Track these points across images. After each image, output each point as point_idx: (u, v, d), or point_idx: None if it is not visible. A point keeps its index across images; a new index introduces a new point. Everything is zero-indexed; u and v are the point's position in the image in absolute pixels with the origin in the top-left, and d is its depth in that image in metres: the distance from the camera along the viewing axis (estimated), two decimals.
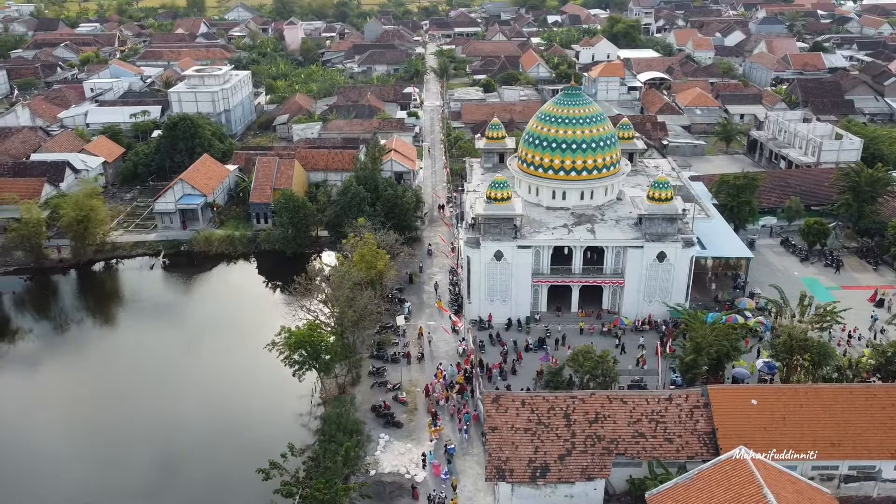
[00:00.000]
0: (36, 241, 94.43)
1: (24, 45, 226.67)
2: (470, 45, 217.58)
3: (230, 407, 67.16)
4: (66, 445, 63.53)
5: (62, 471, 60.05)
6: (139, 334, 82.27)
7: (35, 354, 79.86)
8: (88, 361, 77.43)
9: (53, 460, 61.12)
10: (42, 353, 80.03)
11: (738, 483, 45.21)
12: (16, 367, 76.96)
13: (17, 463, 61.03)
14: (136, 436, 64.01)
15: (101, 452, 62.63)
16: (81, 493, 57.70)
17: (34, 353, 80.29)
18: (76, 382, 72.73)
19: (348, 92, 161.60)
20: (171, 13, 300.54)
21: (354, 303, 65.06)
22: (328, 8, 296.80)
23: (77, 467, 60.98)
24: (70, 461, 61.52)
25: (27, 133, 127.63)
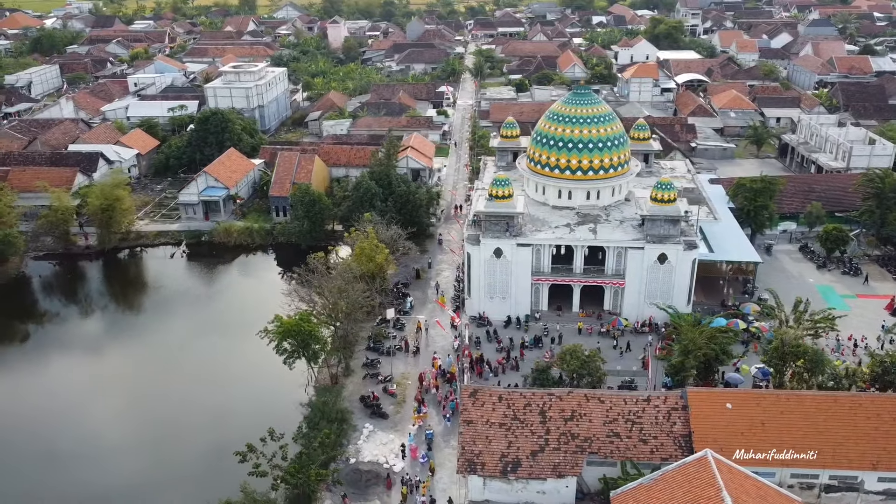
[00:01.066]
0: (64, 228, 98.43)
1: (80, 41, 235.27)
2: (509, 45, 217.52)
3: (227, 392, 69.16)
4: (80, 417, 66.53)
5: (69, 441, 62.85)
6: (152, 320, 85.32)
7: (57, 335, 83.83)
8: (105, 343, 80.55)
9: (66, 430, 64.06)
10: (63, 333, 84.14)
11: (699, 485, 44.81)
12: (42, 346, 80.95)
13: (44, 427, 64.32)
14: (137, 411, 66.98)
15: (102, 426, 65.24)
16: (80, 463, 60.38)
17: (57, 333, 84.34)
18: (91, 362, 76.02)
19: (382, 90, 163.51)
20: (222, 11, 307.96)
21: (347, 294, 66.17)
22: (375, 7, 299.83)
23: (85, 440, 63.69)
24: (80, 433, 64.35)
25: (68, 125, 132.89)
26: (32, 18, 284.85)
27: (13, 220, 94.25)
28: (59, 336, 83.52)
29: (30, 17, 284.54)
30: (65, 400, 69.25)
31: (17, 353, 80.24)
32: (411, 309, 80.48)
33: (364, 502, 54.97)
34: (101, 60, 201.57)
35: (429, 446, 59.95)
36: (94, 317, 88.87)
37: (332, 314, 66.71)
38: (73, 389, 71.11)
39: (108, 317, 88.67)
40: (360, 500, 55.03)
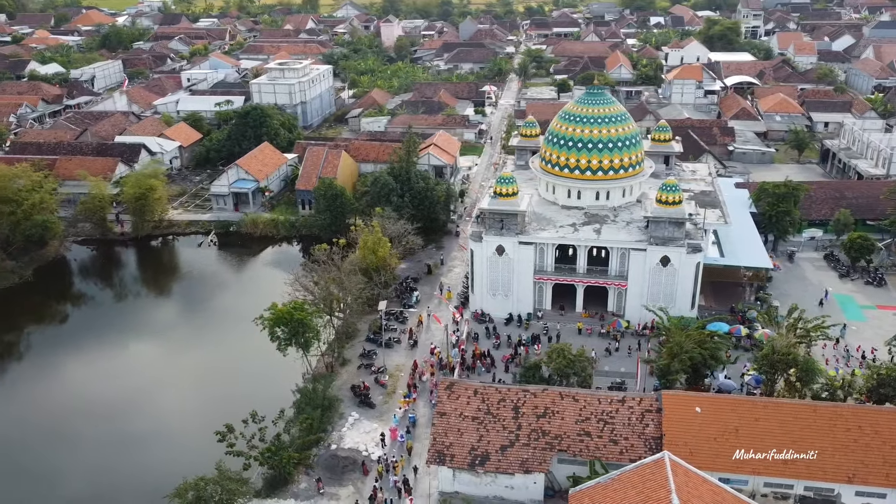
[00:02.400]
0: (101, 215, 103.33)
1: (146, 37, 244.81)
2: (560, 46, 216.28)
3: (228, 375, 71.97)
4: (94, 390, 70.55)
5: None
6: (173, 305, 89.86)
7: (86, 315, 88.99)
8: (128, 325, 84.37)
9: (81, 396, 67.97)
10: (90, 314, 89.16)
11: (651, 487, 44.58)
12: (71, 325, 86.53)
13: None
14: (142, 388, 70.67)
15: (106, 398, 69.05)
16: None
17: (86, 313, 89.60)
18: (113, 342, 79.91)
19: (424, 88, 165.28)
20: (285, 10, 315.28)
21: (343, 285, 67.80)
22: (433, 7, 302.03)
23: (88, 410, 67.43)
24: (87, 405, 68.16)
25: (118, 117, 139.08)
26: (106, 16, 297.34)
27: (53, 206, 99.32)
28: (86, 316, 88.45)
29: (103, 15, 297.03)
30: (85, 374, 73.31)
31: (53, 331, 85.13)
32: (416, 303, 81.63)
33: (339, 487, 56.39)
34: (161, 56, 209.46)
35: (407, 429, 61.20)
36: (122, 300, 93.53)
37: (326, 304, 68.27)
38: (92, 366, 75.09)
39: (135, 300, 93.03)
40: (334, 485, 56.47)
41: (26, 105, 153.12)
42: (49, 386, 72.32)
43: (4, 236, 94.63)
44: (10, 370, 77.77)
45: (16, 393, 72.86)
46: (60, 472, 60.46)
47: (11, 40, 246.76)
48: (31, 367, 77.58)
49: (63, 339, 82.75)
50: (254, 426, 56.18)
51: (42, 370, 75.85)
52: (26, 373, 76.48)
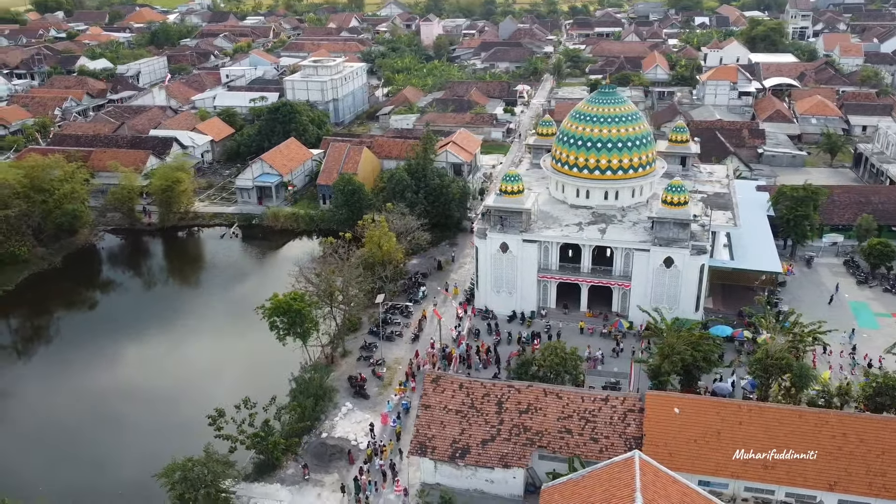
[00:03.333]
0: (129, 206, 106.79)
1: (193, 35, 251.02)
2: (598, 45, 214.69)
3: (232, 363, 74.03)
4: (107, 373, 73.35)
5: None
6: (191, 294, 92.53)
7: (110, 300, 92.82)
8: (146, 312, 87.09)
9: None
10: (112, 301, 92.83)
11: (618, 485, 44.61)
12: (98, 310, 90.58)
13: None
14: (151, 373, 73.75)
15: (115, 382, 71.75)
16: None
17: (110, 299, 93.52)
18: (132, 328, 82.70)
19: (456, 87, 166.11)
20: (331, 8, 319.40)
21: (343, 277, 69.13)
22: (476, 6, 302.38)
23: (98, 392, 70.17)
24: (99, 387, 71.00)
25: (155, 111, 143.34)
26: (158, 13, 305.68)
27: (84, 195, 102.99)
28: (108, 302, 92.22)
29: (155, 13, 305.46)
30: (102, 357, 76.45)
31: (75, 315, 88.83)
32: (423, 298, 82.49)
33: (324, 474, 57.63)
34: (204, 53, 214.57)
35: (398, 415, 62.23)
36: (144, 288, 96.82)
37: (326, 296, 69.61)
38: (108, 349, 78.04)
39: (155, 289, 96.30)
40: (320, 472, 57.74)
41: (71, 99, 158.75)
42: (67, 366, 75.58)
43: (37, 224, 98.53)
44: (33, 351, 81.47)
45: (37, 371, 76.18)
46: (66, 446, 63.11)
47: (67, 37, 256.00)
48: (54, 347, 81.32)
49: (83, 323, 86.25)
50: (245, 412, 57.75)
51: (62, 351, 79.51)
52: (49, 353, 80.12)
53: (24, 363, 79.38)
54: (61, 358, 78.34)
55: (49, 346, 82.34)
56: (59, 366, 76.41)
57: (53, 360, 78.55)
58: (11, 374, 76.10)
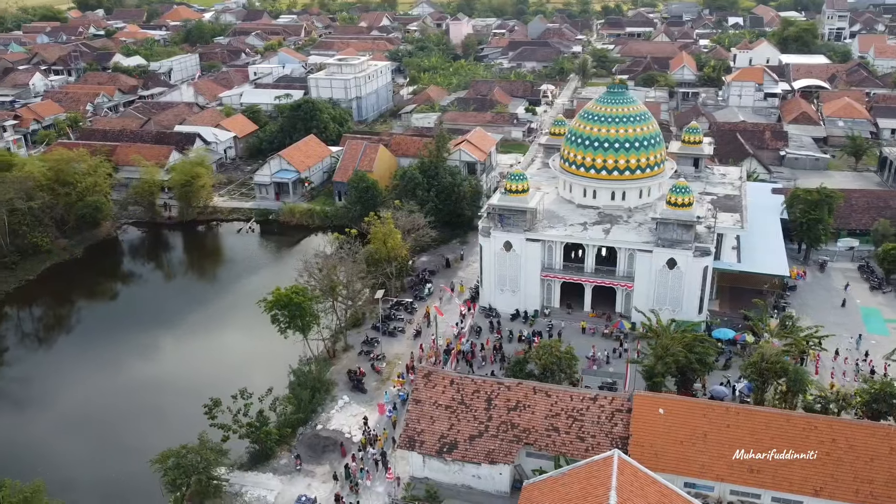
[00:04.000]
0: (150, 200, 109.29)
1: (226, 33, 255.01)
2: (627, 46, 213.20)
3: (235, 355, 75.62)
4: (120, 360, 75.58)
5: None
6: (204, 285, 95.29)
7: (126, 291, 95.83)
8: (162, 302, 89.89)
9: None
10: (130, 291, 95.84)
11: (595, 483, 44.75)
12: (114, 300, 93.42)
13: None
14: (158, 362, 75.89)
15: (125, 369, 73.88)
16: None
17: (127, 290, 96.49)
18: (147, 316, 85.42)
19: (480, 86, 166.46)
20: (364, 7, 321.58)
21: (344, 272, 70.13)
22: (508, 5, 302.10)
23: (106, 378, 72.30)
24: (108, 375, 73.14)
25: (182, 108, 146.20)
26: (194, 12, 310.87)
27: (106, 189, 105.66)
28: (124, 293, 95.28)
29: (192, 11, 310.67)
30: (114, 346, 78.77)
31: (92, 304, 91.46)
32: (428, 295, 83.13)
33: (316, 465, 58.62)
34: (236, 51, 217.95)
35: (394, 406, 63.08)
36: (160, 280, 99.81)
37: (327, 290, 70.62)
38: (121, 338, 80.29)
39: (171, 281, 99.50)
40: (312, 463, 58.73)
41: (103, 95, 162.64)
42: (82, 354, 78.33)
43: (60, 216, 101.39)
44: (51, 338, 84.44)
45: (53, 358, 78.74)
46: (74, 430, 65.28)
47: (105, 34, 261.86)
48: (70, 336, 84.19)
49: (100, 313, 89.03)
50: (242, 402, 59.03)
51: (78, 339, 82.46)
52: (65, 341, 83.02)
53: (43, 350, 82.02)
54: (77, 346, 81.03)
55: (66, 335, 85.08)
56: (75, 353, 78.99)
57: (69, 347, 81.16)
58: (28, 359, 78.69)
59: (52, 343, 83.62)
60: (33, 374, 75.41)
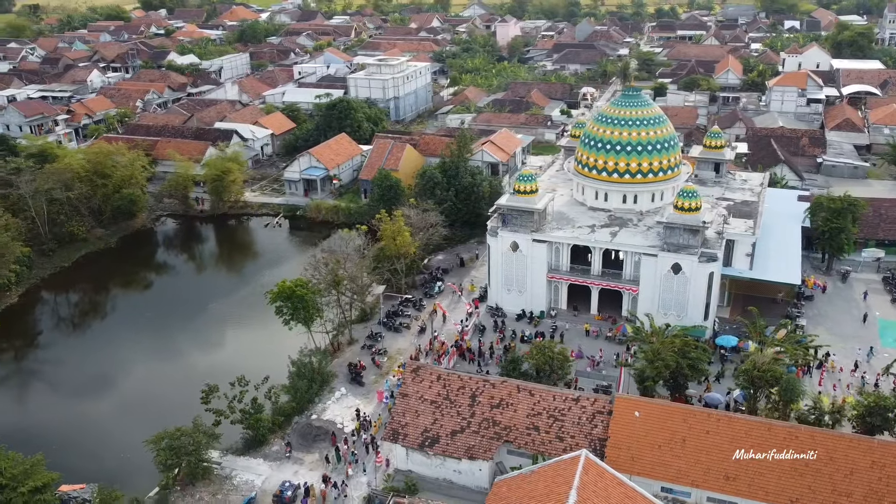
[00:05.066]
0: (184, 193, 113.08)
1: (279, 33, 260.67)
2: (675, 49, 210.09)
3: (247, 343, 77.92)
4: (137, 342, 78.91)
5: None
6: (225, 276, 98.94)
7: (153, 280, 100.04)
8: (185, 290, 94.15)
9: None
10: (158, 279, 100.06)
11: (558, 482, 45.08)
12: (141, 288, 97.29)
13: None
14: (171, 345, 78.86)
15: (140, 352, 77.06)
16: None
17: (154, 278, 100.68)
18: (168, 303, 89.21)
19: (518, 87, 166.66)
20: (416, 8, 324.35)
21: (346, 266, 71.72)
22: (559, 7, 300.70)
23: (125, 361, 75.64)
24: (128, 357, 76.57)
25: (224, 105, 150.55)
26: (252, 12, 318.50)
27: (142, 181, 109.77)
28: (151, 281, 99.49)
29: (250, 11, 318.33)
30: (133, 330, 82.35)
31: (120, 291, 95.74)
32: (438, 293, 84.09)
33: (305, 453, 60.22)
34: (285, 51, 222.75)
35: (392, 393, 64.66)
36: (188, 270, 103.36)
37: (329, 284, 72.19)
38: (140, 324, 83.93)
39: (197, 271, 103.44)
40: (302, 451, 60.35)
41: (153, 91, 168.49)
42: (106, 337, 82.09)
43: (97, 206, 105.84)
44: (81, 322, 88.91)
45: (78, 340, 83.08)
46: (88, 410, 68.71)
47: (164, 33, 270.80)
48: (96, 320, 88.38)
49: (128, 300, 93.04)
50: (238, 389, 60.99)
51: (104, 324, 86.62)
52: (91, 326, 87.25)
53: (69, 332, 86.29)
54: (100, 330, 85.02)
55: (92, 319, 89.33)
56: (97, 337, 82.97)
57: (93, 331, 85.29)
58: (55, 341, 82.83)
59: (79, 326, 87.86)
60: (60, 354, 79.39)
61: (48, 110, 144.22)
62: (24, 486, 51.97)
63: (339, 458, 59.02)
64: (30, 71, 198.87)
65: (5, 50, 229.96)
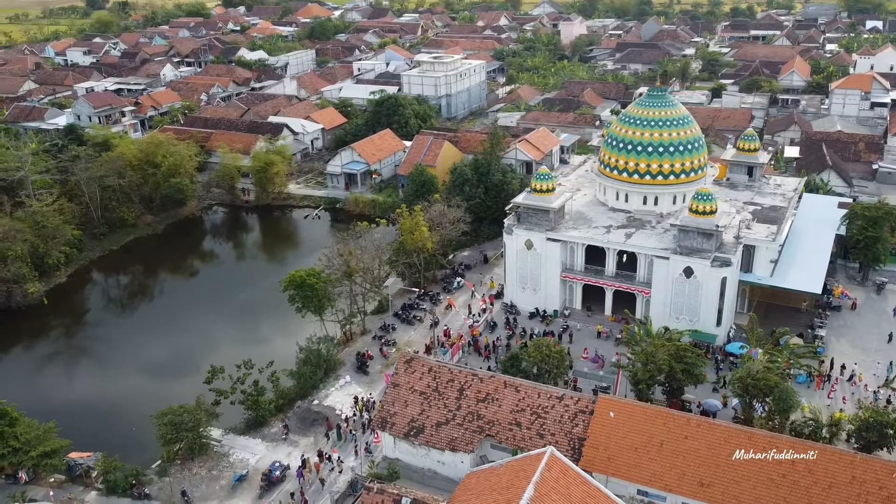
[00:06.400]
0: (230, 183, 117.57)
1: (348, 30, 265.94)
2: (742, 49, 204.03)
3: (266, 329, 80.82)
4: None
5: None
6: (260, 263, 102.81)
7: (193, 265, 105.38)
8: (220, 276, 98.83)
9: None
10: (197, 264, 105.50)
11: (521, 476, 45.34)
12: (180, 271, 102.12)
13: None
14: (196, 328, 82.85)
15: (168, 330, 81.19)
16: None
17: (194, 263, 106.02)
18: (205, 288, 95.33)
19: (573, 87, 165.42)
20: (486, 6, 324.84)
21: (359, 258, 73.67)
22: (631, 6, 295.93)
23: None
24: None
25: (280, 100, 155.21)
26: (326, 10, 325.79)
27: (191, 171, 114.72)
28: (190, 266, 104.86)
29: (324, 9, 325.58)
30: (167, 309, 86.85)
31: (161, 273, 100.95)
32: (457, 289, 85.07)
33: (301, 436, 62.37)
34: (350, 48, 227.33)
35: None
36: (228, 257, 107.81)
37: (341, 274, 74.15)
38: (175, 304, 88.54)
39: (237, 259, 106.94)
40: (299, 434, 62.52)
41: (218, 85, 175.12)
42: (142, 316, 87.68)
43: (148, 194, 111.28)
44: (125, 302, 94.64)
45: (117, 317, 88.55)
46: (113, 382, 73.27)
47: (240, 30, 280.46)
48: (136, 301, 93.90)
49: (166, 283, 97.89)
50: (244, 371, 63.73)
51: (142, 304, 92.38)
52: (131, 306, 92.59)
53: (111, 311, 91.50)
54: (138, 310, 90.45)
55: (133, 300, 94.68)
56: (134, 317, 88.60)
57: (131, 311, 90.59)
58: (95, 319, 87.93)
59: (118, 306, 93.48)
60: (96, 331, 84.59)
61: (116, 102, 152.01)
62: (35, 450, 55.93)
63: (339, 436, 61.32)
64: (109, 65, 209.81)
65: (90, 44, 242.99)
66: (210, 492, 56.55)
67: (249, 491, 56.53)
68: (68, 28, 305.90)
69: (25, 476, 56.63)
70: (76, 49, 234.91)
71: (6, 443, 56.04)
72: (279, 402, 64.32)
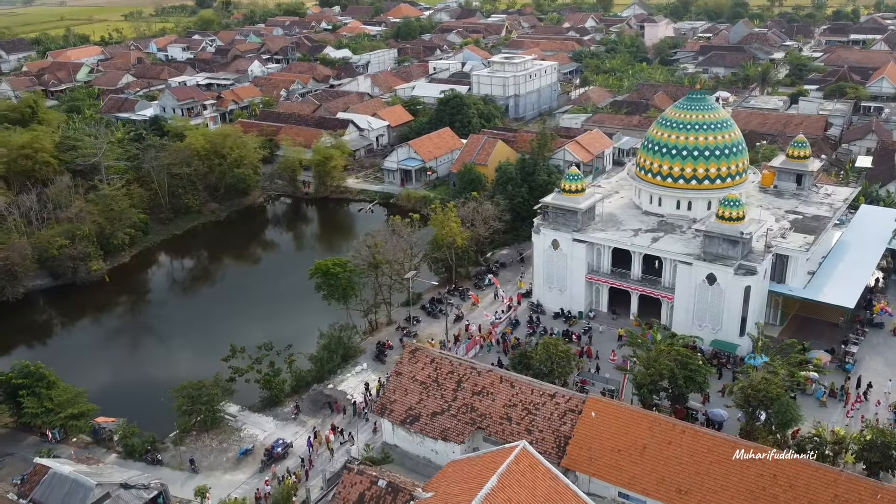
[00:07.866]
0: (292, 175, 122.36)
1: (433, 30, 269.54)
2: (834, 53, 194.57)
3: (300, 314, 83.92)
4: None
5: None
6: (308, 251, 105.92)
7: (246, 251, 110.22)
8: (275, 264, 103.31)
9: None
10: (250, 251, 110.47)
11: (490, 467, 46.26)
12: (230, 257, 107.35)
13: None
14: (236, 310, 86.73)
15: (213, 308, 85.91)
16: None
17: (247, 250, 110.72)
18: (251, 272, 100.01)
19: (645, 90, 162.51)
20: (575, 7, 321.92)
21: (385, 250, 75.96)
22: (725, 8, 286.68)
23: None
24: None
25: (352, 97, 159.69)
26: (417, 10, 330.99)
27: (255, 162, 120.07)
28: (247, 253, 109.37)
29: (415, 9, 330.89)
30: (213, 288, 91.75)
31: (215, 256, 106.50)
32: (487, 285, 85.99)
33: (310, 417, 65.02)
34: (431, 47, 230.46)
35: None
36: (281, 246, 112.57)
37: (371, 266, 76.40)
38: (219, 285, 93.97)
39: (288, 248, 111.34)
40: (308, 415, 65.22)
41: (298, 82, 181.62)
42: (191, 296, 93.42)
43: (213, 183, 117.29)
44: (178, 281, 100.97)
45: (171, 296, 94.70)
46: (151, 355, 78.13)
47: (331, 28, 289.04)
48: (190, 282, 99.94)
49: (221, 267, 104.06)
50: (263, 352, 67.09)
51: (195, 284, 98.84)
52: (184, 286, 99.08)
53: (165, 292, 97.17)
54: (192, 291, 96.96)
55: (189, 282, 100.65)
56: (187, 297, 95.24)
57: (185, 292, 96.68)
58: (151, 298, 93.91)
59: (174, 287, 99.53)
60: (149, 309, 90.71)
61: (198, 96, 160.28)
62: (65, 411, 60.80)
63: (354, 412, 64.37)
64: (203, 60, 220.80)
65: (189, 41, 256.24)
66: (217, 462, 59.91)
67: (252, 465, 59.57)
68: (175, 25, 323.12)
69: (52, 435, 61.57)
70: (176, 45, 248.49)
71: (41, 403, 61.14)
72: (294, 383, 67.06)
